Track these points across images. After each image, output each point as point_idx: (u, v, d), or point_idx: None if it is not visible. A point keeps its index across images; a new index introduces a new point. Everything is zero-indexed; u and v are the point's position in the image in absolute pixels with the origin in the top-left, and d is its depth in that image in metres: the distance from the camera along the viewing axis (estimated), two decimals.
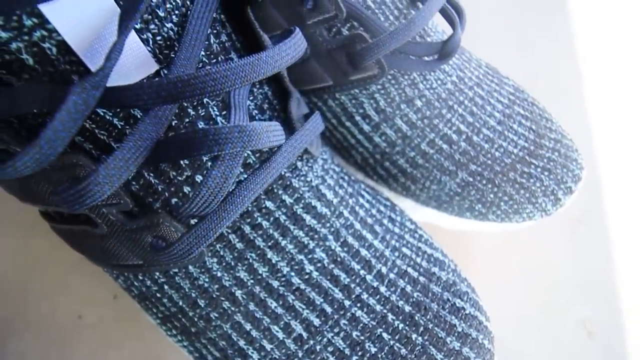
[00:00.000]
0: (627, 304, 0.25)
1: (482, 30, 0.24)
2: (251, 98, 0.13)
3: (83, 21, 0.10)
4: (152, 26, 0.11)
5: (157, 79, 0.10)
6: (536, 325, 0.24)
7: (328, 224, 0.14)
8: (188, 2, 0.11)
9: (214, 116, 0.12)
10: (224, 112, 0.12)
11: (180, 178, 0.12)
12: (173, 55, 0.11)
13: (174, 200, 0.12)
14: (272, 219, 0.14)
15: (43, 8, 0.09)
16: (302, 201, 0.14)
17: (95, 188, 0.10)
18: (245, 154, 0.12)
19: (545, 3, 0.29)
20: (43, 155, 0.09)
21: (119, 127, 0.11)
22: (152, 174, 0.12)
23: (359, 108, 0.17)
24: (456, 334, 0.14)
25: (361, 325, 0.14)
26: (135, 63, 0.11)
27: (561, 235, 0.25)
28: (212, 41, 0.12)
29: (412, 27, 0.14)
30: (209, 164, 0.12)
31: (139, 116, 0.11)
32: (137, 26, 0.10)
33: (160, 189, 0.12)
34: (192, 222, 0.13)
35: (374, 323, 0.14)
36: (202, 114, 0.12)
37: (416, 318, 0.14)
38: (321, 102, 0.18)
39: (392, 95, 0.17)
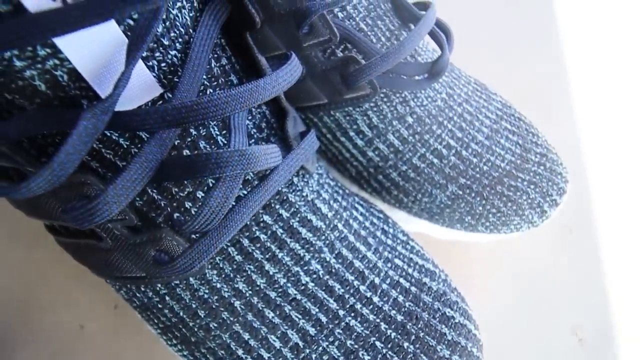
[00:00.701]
0: (617, 311, 0.26)
1: (473, 47, 0.25)
2: (250, 118, 0.14)
3: (93, 51, 0.10)
4: (157, 54, 0.11)
5: (162, 104, 0.10)
6: (527, 333, 0.24)
7: (323, 237, 0.15)
8: (191, 31, 0.12)
9: (214, 135, 0.13)
10: (224, 132, 0.13)
11: (182, 194, 0.13)
12: (177, 80, 0.12)
13: (176, 215, 0.13)
14: (269, 232, 0.14)
15: (56, 40, 0.10)
16: (298, 215, 0.15)
17: (105, 207, 0.10)
18: None
19: (535, 20, 0.30)
20: (55, 177, 0.10)
21: (125, 146, 0.12)
22: (155, 190, 0.13)
23: (352, 124, 0.18)
24: (446, 342, 0.15)
25: (355, 334, 0.14)
26: (141, 87, 0.11)
27: (552, 244, 0.26)
28: (212, 65, 0.13)
29: (401, 50, 0.15)
30: (210, 181, 0.13)
31: (143, 136, 0.12)
32: (143, 54, 0.11)
33: (162, 205, 0.13)
34: (194, 236, 0.13)
35: (368, 332, 0.14)
36: (204, 133, 0.13)
37: (408, 327, 0.15)
38: (317, 119, 0.19)
39: (385, 112, 0.18)
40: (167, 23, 0.11)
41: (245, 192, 0.13)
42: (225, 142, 0.13)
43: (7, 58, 0.10)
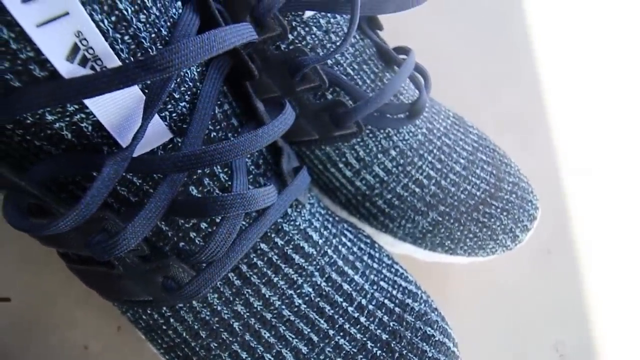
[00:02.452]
0: (596, 327, 0.27)
1: (455, 78, 0.27)
2: (249, 157, 0.16)
3: (115, 106, 0.12)
4: (169, 106, 0.13)
5: (174, 153, 0.12)
6: (510, 350, 0.26)
7: (314, 262, 0.16)
8: (198, 84, 0.14)
9: (217, 173, 0.15)
10: (225, 169, 0.15)
11: (187, 225, 0.14)
12: (185, 127, 0.13)
13: (181, 244, 0.14)
14: (265, 258, 0.16)
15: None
16: (292, 243, 0.16)
17: (124, 242, 0.12)
18: None
19: (512, 51, 0.33)
20: (80, 217, 0.11)
21: (137, 184, 0.13)
22: (163, 222, 0.14)
23: (342, 157, 0.20)
24: (427, 359, 0.16)
25: (344, 352, 0.16)
26: (154, 134, 0.13)
27: (531, 264, 0.27)
28: (216, 111, 0.15)
29: (384, 95, 0.17)
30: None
31: (155, 177, 0.13)
32: None
33: (169, 235, 0.14)
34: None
35: (355, 350, 0.16)
36: (208, 172, 0.14)
37: (392, 345, 0.16)
38: (309, 151, 0.20)
39: (370, 146, 0.19)
40: (178, 79, 0.13)
41: (245, 224, 0.15)
42: (227, 178, 0.15)
43: (39, 113, 0.11)
